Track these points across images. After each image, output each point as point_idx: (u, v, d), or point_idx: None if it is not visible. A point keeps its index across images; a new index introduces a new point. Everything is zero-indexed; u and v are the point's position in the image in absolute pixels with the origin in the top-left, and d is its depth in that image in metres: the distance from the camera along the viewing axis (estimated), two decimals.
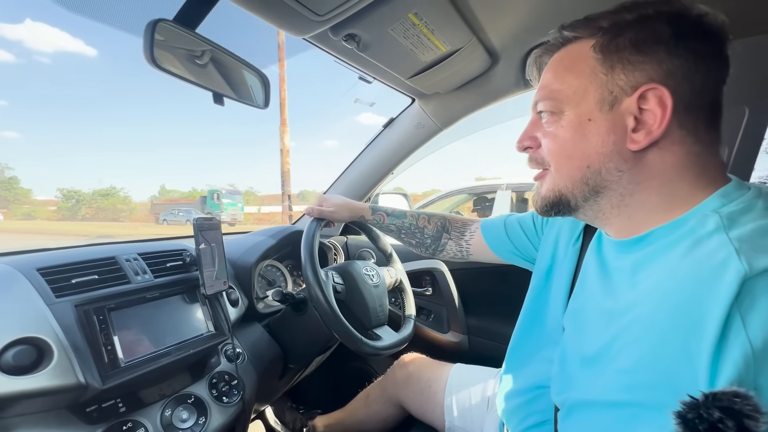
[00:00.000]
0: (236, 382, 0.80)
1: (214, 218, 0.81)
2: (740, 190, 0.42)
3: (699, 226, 0.39)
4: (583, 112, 0.45)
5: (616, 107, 0.43)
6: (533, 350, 0.70)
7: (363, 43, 0.75)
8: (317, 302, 0.80)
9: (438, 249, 0.93)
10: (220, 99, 0.68)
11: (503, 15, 0.77)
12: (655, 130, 0.41)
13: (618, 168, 0.44)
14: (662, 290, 0.38)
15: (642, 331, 0.38)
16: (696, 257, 0.37)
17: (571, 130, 0.46)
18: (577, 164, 0.46)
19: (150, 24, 0.53)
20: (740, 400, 0.28)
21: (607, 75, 0.43)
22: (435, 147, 1.26)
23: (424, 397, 0.96)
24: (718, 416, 0.28)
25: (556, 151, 0.48)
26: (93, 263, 0.70)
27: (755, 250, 0.33)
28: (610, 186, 0.45)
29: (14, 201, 34.11)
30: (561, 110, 0.47)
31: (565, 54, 0.48)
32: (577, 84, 0.45)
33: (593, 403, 0.44)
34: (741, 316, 0.31)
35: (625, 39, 0.42)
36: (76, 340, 0.59)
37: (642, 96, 0.41)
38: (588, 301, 0.53)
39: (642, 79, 0.42)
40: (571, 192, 0.48)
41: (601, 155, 0.44)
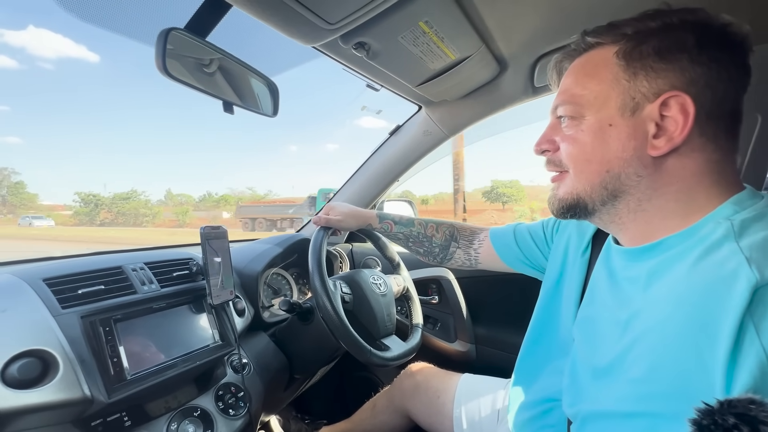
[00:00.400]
0: (243, 394, 0.78)
1: (221, 227, 0.81)
2: (753, 198, 0.42)
3: (710, 234, 0.39)
4: (604, 117, 0.45)
5: (638, 113, 0.43)
6: (544, 362, 0.68)
7: (373, 51, 0.75)
8: (326, 313, 0.78)
9: (446, 257, 0.92)
10: (230, 107, 0.68)
11: (512, 23, 0.77)
12: (676, 137, 0.41)
13: (637, 173, 0.44)
14: (674, 299, 0.38)
15: (655, 341, 0.38)
16: (707, 266, 0.37)
17: (591, 135, 0.46)
18: (596, 168, 0.46)
19: (162, 33, 0.53)
20: (755, 407, 0.28)
21: (630, 81, 0.43)
22: (443, 153, 1.26)
23: (433, 408, 0.95)
24: (733, 422, 0.28)
25: (576, 154, 0.48)
26: (99, 273, 0.69)
27: (766, 258, 0.34)
28: (629, 191, 0.45)
29: (21, 206, 33.89)
30: (582, 115, 0.47)
31: (586, 59, 0.48)
32: (598, 90, 0.45)
33: (607, 414, 0.43)
34: (754, 324, 0.31)
35: (649, 46, 0.42)
36: (82, 352, 0.58)
37: (664, 103, 0.42)
38: (599, 311, 0.53)
39: (665, 87, 0.42)
40: (590, 195, 0.48)
41: (621, 160, 0.44)
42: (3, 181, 35.79)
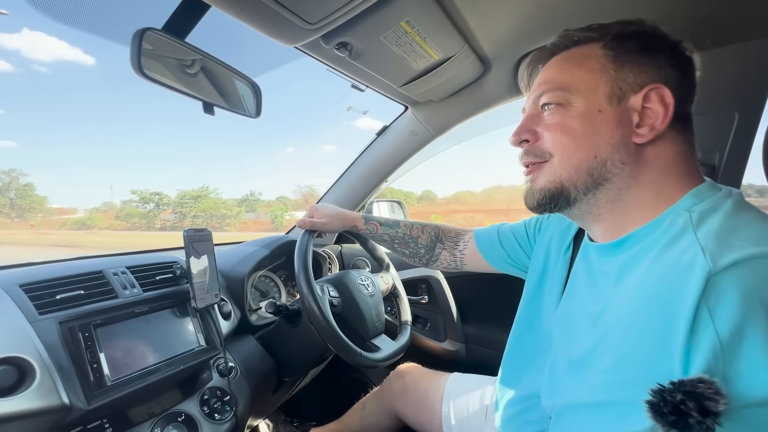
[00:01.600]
0: (228, 398, 0.78)
1: (206, 229, 0.80)
2: (712, 190, 0.45)
3: (671, 227, 0.42)
4: (593, 103, 0.47)
5: (624, 102, 0.46)
6: (528, 359, 0.69)
7: (355, 51, 0.75)
8: (314, 318, 0.78)
9: (432, 259, 0.92)
10: (210, 109, 0.67)
11: (494, 23, 0.77)
12: (658, 126, 0.45)
13: (622, 160, 0.46)
14: (640, 291, 0.40)
15: (622, 332, 0.40)
16: (667, 258, 0.39)
17: (581, 120, 0.47)
18: (585, 154, 0.47)
19: (137, 33, 0.52)
20: (703, 385, 0.30)
21: (617, 72, 0.46)
22: (431, 153, 1.26)
23: (421, 408, 0.95)
24: (680, 398, 0.30)
25: (565, 140, 0.48)
26: (79, 278, 0.68)
27: (719, 247, 0.35)
28: (612, 179, 0.47)
29: (30, 209, 32.38)
30: (569, 102, 0.48)
31: (571, 53, 0.50)
32: (587, 77, 0.48)
33: (580, 405, 0.44)
34: (709, 310, 0.33)
35: (633, 44, 0.47)
36: (60, 359, 0.57)
37: (646, 95, 0.45)
38: (575, 306, 0.54)
39: (647, 80, 0.46)
40: (574, 183, 0.48)
41: (609, 146, 0.46)
42: (11, 183, 34.63)
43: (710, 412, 0.29)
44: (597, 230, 0.52)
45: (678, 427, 0.30)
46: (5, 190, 33.66)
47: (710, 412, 0.29)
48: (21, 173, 35.55)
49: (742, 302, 0.32)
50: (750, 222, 0.39)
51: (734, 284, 0.33)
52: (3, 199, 33.26)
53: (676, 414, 0.30)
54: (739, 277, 0.33)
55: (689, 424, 0.30)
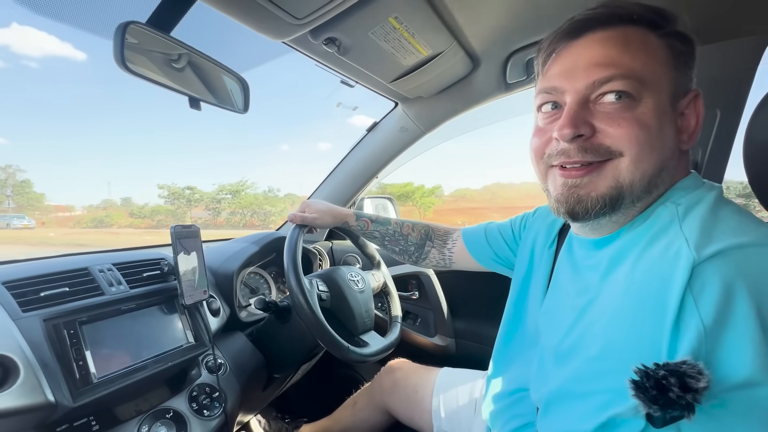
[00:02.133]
0: (218, 394, 0.77)
1: (193, 225, 0.79)
2: (696, 183, 0.45)
3: (657, 219, 0.42)
4: (662, 102, 0.42)
5: (676, 105, 0.44)
6: (515, 353, 0.70)
7: (343, 46, 0.75)
8: (302, 312, 0.78)
9: (421, 257, 0.93)
10: (196, 104, 0.66)
11: (483, 19, 0.78)
12: (694, 133, 0.44)
13: (672, 167, 0.44)
14: (627, 282, 0.41)
15: (609, 321, 0.41)
16: (655, 249, 0.40)
17: (655, 119, 0.41)
18: (657, 158, 0.42)
19: (120, 26, 0.51)
20: (686, 366, 0.31)
21: (678, 71, 0.43)
22: (422, 149, 1.26)
23: (411, 403, 0.96)
24: (662, 374, 0.31)
25: (642, 139, 0.41)
26: (63, 275, 0.67)
27: (703, 238, 0.37)
28: (658, 187, 0.43)
29: (28, 206, 31.00)
30: (640, 95, 0.41)
31: (627, 34, 0.42)
32: (656, 71, 0.41)
33: (567, 394, 0.45)
34: (694, 298, 0.34)
35: (689, 46, 0.44)
36: (45, 357, 0.57)
37: (691, 100, 0.44)
38: (561, 300, 0.55)
39: (690, 85, 0.45)
40: (632, 190, 0.42)
41: (671, 151, 0.43)
42: (8, 180, 32.69)
43: (691, 389, 0.30)
44: (591, 230, 0.50)
45: (659, 403, 0.31)
46: (1, 186, 32.37)
47: (691, 389, 0.30)
48: (18, 169, 34.32)
49: (725, 290, 0.33)
50: (730, 215, 0.40)
51: (717, 273, 0.34)
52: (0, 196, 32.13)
53: (658, 389, 0.31)
54: (721, 266, 0.34)
55: (670, 399, 0.31)
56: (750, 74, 0.79)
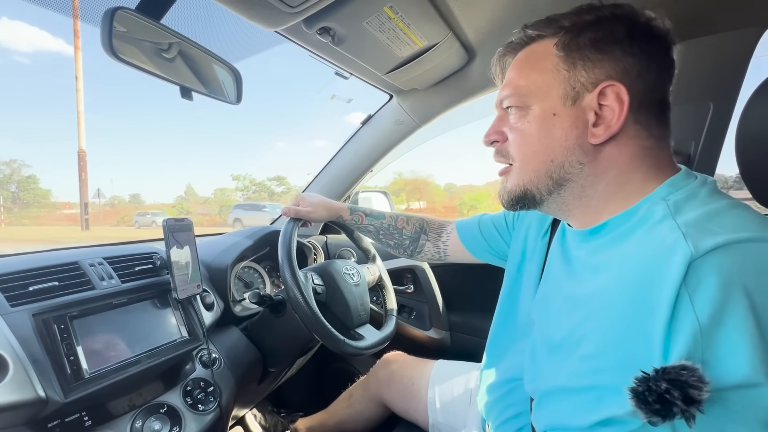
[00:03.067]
0: (212, 389, 0.77)
1: (186, 219, 0.78)
2: (687, 179, 0.45)
3: (649, 214, 0.41)
4: (548, 107, 0.46)
5: (578, 102, 0.45)
6: (509, 344, 0.71)
7: (338, 36, 0.74)
8: (297, 305, 0.78)
9: (416, 250, 0.93)
10: (188, 94, 0.65)
11: (478, 10, 0.77)
12: (613, 125, 0.43)
13: (579, 161, 0.46)
14: (620, 276, 0.40)
15: (602, 317, 0.40)
16: (648, 243, 0.39)
17: (537, 125, 0.47)
18: (541, 159, 0.47)
19: (108, 12, 0.50)
20: (686, 372, 0.30)
21: (570, 71, 0.45)
22: (418, 141, 1.25)
23: (407, 395, 0.96)
24: (665, 387, 0.30)
25: (523, 147, 0.49)
26: (53, 269, 0.66)
27: (700, 232, 0.36)
28: (572, 179, 0.47)
29: (34, 203, 29.28)
30: (527, 105, 0.48)
31: (529, 52, 0.49)
32: (541, 80, 0.47)
33: (561, 389, 0.45)
34: (689, 294, 0.33)
35: (585, 38, 0.44)
36: (35, 352, 0.56)
37: (601, 92, 0.44)
38: (553, 289, 0.55)
39: (601, 76, 0.44)
40: (536, 186, 0.49)
41: (564, 149, 0.46)
42: (12, 175, 30.22)
43: (694, 401, 0.30)
44: (571, 221, 0.53)
45: (661, 415, 0.31)
46: (6, 182, 30.87)
47: (694, 401, 0.30)
48: (23, 164, 31.93)
49: (722, 287, 0.32)
50: (726, 209, 0.39)
51: (714, 269, 0.33)
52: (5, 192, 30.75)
53: (661, 403, 0.30)
54: (719, 261, 0.33)
55: (673, 413, 0.30)
56: (742, 67, 0.80)
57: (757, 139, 0.55)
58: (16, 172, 30.96)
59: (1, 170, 30.52)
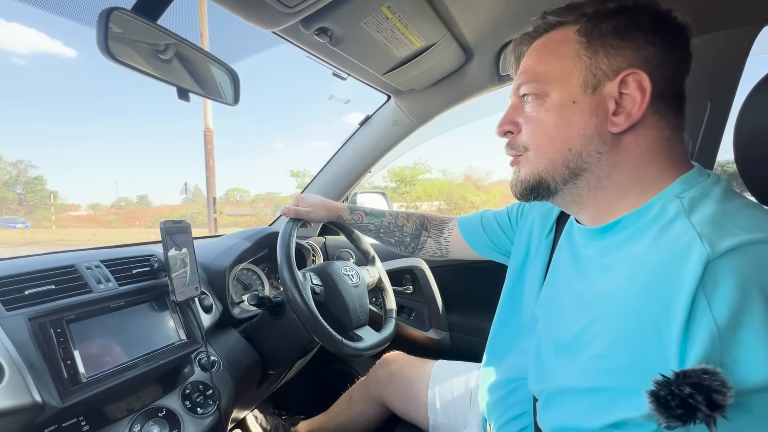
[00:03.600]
0: (211, 392, 0.76)
1: (184, 221, 0.78)
2: (700, 176, 0.44)
3: (662, 213, 0.41)
4: (568, 94, 0.45)
5: (599, 90, 0.44)
6: (510, 343, 0.70)
7: (335, 37, 0.74)
8: (295, 305, 0.77)
9: (417, 247, 0.92)
10: (185, 95, 0.65)
11: (475, 10, 0.77)
12: (634, 114, 0.43)
13: (598, 150, 0.45)
14: (632, 276, 0.39)
15: (614, 317, 0.39)
16: (662, 243, 0.38)
17: (556, 113, 0.46)
18: (558, 147, 0.46)
19: (104, 12, 0.49)
20: (708, 377, 0.30)
21: (591, 58, 0.44)
22: (416, 142, 1.25)
23: (408, 396, 0.96)
24: (688, 392, 0.30)
25: (539, 135, 0.48)
26: (49, 272, 0.65)
27: (716, 233, 0.35)
28: (590, 168, 0.46)
29: (41, 205, 27.40)
30: (546, 92, 0.47)
31: (548, 39, 0.49)
32: (561, 66, 0.46)
33: (570, 390, 0.44)
34: (706, 296, 0.32)
35: (608, 25, 0.44)
36: (31, 356, 0.55)
37: (623, 80, 0.43)
38: (561, 289, 0.54)
39: (623, 64, 0.43)
40: (551, 175, 0.48)
41: (582, 137, 0.45)
42: (19, 177, 29.20)
43: (719, 406, 0.29)
44: (583, 216, 0.52)
45: (683, 420, 0.30)
46: (12, 183, 29.37)
47: (719, 406, 0.29)
48: (30, 165, 30.50)
49: (740, 288, 0.32)
50: (740, 208, 0.39)
51: (731, 270, 0.32)
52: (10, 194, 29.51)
53: (684, 407, 0.30)
54: (736, 263, 0.33)
55: (696, 417, 0.30)
56: (739, 65, 0.80)
57: (755, 137, 0.55)
58: (23, 173, 29.69)
59: (8, 171, 29.66)
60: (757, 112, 0.54)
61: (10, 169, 30.10)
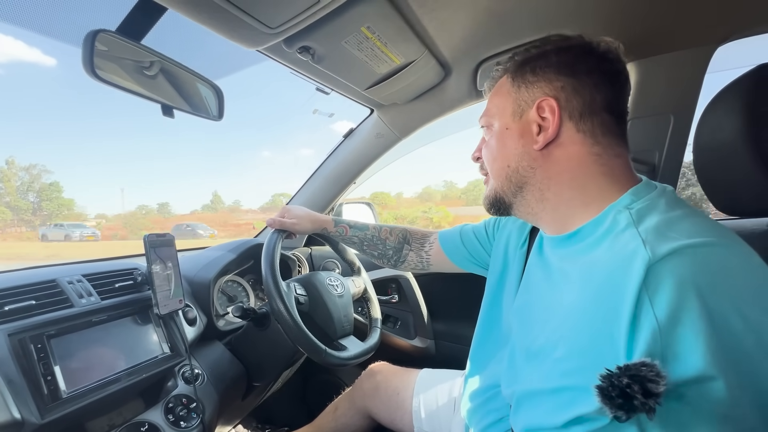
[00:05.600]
0: (195, 405, 0.76)
1: (168, 234, 0.78)
2: (648, 189, 0.48)
3: (615, 224, 0.45)
4: (503, 123, 0.56)
5: (524, 117, 0.53)
6: (491, 352, 0.72)
7: (317, 55, 0.76)
8: (279, 315, 0.78)
9: (400, 260, 0.94)
10: (169, 111, 0.66)
11: (451, 30, 0.81)
12: (550, 132, 0.51)
13: (530, 165, 0.53)
14: (588, 282, 0.43)
15: (573, 322, 0.42)
16: (614, 250, 0.42)
17: (496, 138, 0.57)
18: (500, 165, 0.56)
19: (89, 35, 0.51)
20: (646, 368, 0.33)
21: (516, 93, 0.55)
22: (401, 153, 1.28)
23: (393, 406, 0.96)
24: (626, 382, 0.33)
25: (489, 156, 0.58)
26: (30, 287, 0.65)
27: (658, 239, 0.39)
28: (529, 181, 0.54)
29: (57, 214, 25.13)
30: (491, 123, 0.58)
31: (498, 83, 0.60)
32: (499, 102, 0.57)
33: (537, 392, 0.47)
34: (649, 297, 0.35)
35: (527, 66, 0.54)
36: (9, 372, 0.55)
37: (539, 106, 0.51)
38: (532, 297, 0.57)
39: (538, 94, 0.52)
40: (502, 190, 0.57)
41: (516, 155, 0.54)
42: (33, 183, 26.37)
43: (652, 394, 0.32)
44: (543, 226, 0.57)
45: (624, 409, 0.33)
46: (25, 190, 26.64)
47: (652, 394, 0.32)
48: (44, 170, 27.64)
49: (678, 288, 0.35)
50: (683, 217, 0.43)
51: (671, 272, 0.36)
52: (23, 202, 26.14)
53: (623, 397, 0.33)
54: (675, 265, 0.36)
55: (634, 406, 0.32)
56: (698, 81, 0.85)
57: (711, 149, 0.59)
58: (37, 179, 27.15)
59: (20, 177, 26.68)
60: (713, 127, 0.59)
61: (22, 175, 26.91)
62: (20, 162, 28.77)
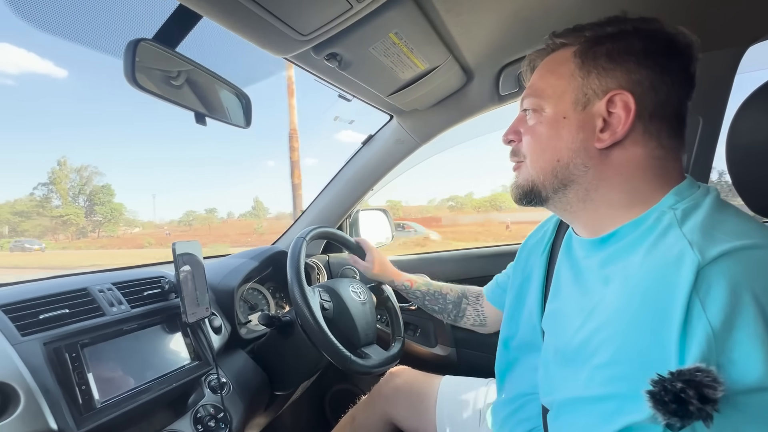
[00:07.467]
0: (222, 415, 0.75)
1: (195, 241, 0.78)
2: (691, 188, 0.46)
3: (657, 224, 0.43)
4: (560, 110, 0.49)
5: (588, 108, 0.47)
6: (515, 360, 0.71)
7: (344, 61, 0.76)
8: (305, 320, 0.77)
9: (459, 314, 0.95)
10: (202, 119, 0.66)
11: (476, 34, 0.81)
12: (619, 132, 0.45)
13: (584, 164, 0.48)
14: (631, 286, 0.41)
15: (616, 327, 0.41)
16: (657, 253, 0.40)
17: (548, 126, 0.50)
18: (549, 157, 0.50)
19: (131, 44, 0.51)
20: (701, 374, 0.31)
21: (584, 79, 0.47)
22: (419, 159, 1.28)
23: (416, 411, 0.95)
24: (680, 387, 0.31)
25: (534, 145, 0.52)
26: (62, 296, 0.65)
27: (705, 240, 0.37)
28: (577, 180, 0.49)
29: (110, 220, 23.27)
30: (542, 107, 0.51)
31: (551, 58, 0.52)
32: (557, 84, 0.50)
33: (578, 400, 0.45)
34: (700, 300, 0.34)
35: (602, 48, 0.47)
36: (46, 382, 0.54)
37: (610, 100, 0.46)
38: (564, 301, 0.55)
39: (612, 85, 0.46)
40: (543, 183, 0.52)
41: (570, 150, 0.48)
42: (85, 185, 24.21)
43: (709, 399, 0.30)
44: (578, 225, 0.55)
45: (678, 415, 0.31)
46: (76, 193, 24.43)
47: (709, 399, 0.30)
48: (95, 172, 25.55)
49: (731, 292, 0.33)
50: (729, 217, 0.41)
51: (723, 275, 0.34)
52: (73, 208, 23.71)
53: (677, 402, 0.31)
54: (726, 268, 0.35)
55: (690, 412, 0.31)
56: (728, 83, 0.84)
57: (747, 151, 0.57)
58: (88, 181, 25.14)
59: (72, 179, 24.79)
60: (748, 127, 0.57)
61: (73, 176, 25.11)
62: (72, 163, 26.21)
